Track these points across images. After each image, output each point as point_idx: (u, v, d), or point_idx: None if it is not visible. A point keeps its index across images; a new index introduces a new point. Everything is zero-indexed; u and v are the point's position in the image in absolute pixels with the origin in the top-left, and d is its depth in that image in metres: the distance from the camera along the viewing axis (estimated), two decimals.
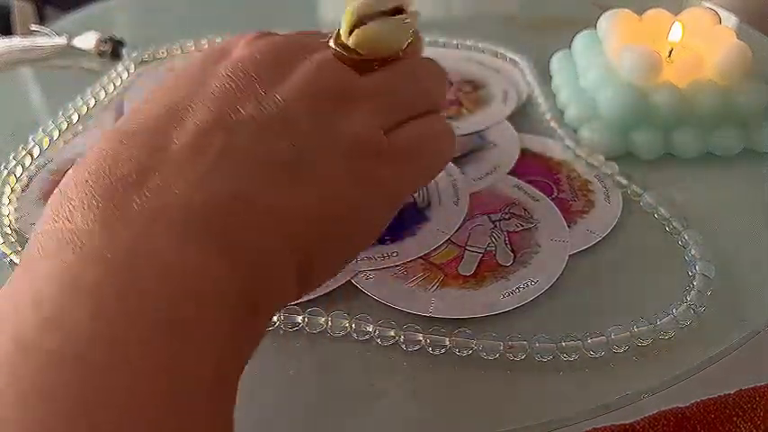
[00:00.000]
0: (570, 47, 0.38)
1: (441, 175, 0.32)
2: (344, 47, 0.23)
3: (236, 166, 0.18)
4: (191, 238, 0.17)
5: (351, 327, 0.25)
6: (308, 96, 0.21)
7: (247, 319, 0.18)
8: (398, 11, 0.24)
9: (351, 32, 0.23)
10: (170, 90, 0.21)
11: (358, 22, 0.23)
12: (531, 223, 0.29)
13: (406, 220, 0.29)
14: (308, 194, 0.19)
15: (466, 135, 0.35)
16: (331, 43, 0.23)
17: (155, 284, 0.16)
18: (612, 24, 0.35)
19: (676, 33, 0.34)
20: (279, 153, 0.19)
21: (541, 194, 0.31)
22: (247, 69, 0.21)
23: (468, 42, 0.42)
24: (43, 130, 0.34)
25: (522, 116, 0.36)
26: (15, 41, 0.43)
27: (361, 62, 0.23)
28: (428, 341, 0.24)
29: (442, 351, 0.24)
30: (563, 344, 0.24)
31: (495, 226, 0.29)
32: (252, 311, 0.18)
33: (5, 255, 0.27)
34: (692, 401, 0.24)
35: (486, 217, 0.30)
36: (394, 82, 0.24)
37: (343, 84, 0.22)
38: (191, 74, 0.21)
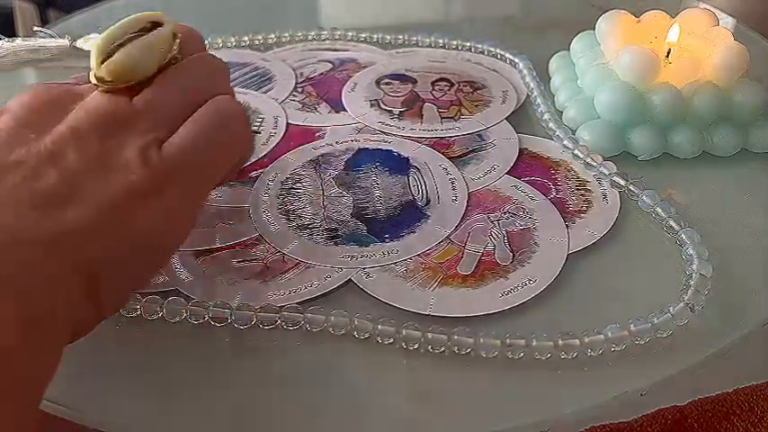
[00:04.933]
0: (569, 48, 0.38)
1: (440, 174, 0.32)
2: (102, 80, 0.23)
3: (3, 205, 0.20)
4: None
5: (350, 325, 0.25)
6: (77, 132, 0.22)
7: (24, 349, 0.18)
8: (157, 25, 0.24)
9: (101, 63, 0.23)
10: None
11: (108, 54, 0.23)
12: (530, 223, 0.29)
13: (406, 219, 0.29)
14: (79, 219, 0.20)
15: (465, 135, 0.35)
16: (92, 79, 0.23)
17: None
18: (611, 26, 0.35)
19: (674, 34, 0.34)
20: (47, 186, 0.20)
21: (540, 194, 0.31)
22: (18, 119, 0.22)
23: (468, 43, 0.42)
24: None
25: (521, 117, 0.37)
26: (18, 43, 0.43)
27: (126, 89, 0.23)
28: (427, 340, 0.24)
29: (442, 350, 0.24)
30: (561, 342, 0.24)
31: (495, 225, 0.29)
32: (36, 327, 0.18)
33: None
34: (690, 400, 0.24)
35: (485, 216, 0.30)
36: (161, 93, 0.24)
37: (109, 112, 0.22)
38: None
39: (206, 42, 0.42)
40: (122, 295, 0.23)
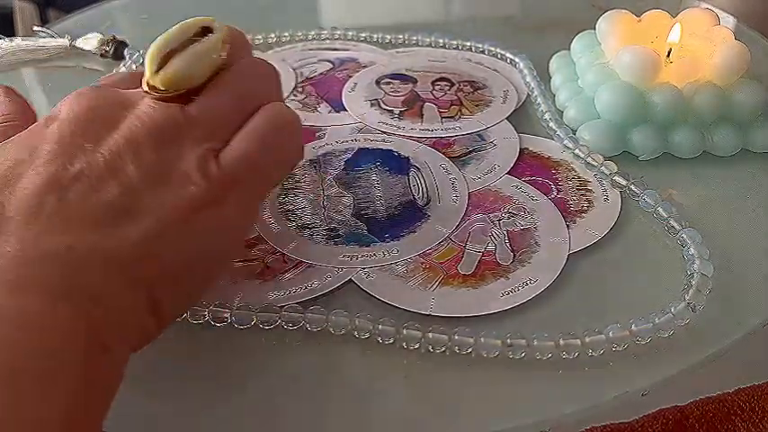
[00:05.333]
0: (569, 48, 0.38)
1: (440, 173, 0.32)
2: (155, 88, 0.23)
3: (68, 221, 0.19)
4: (24, 293, 0.18)
5: (351, 325, 0.25)
6: (133, 143, 0.21)
7: (99, 358, 0.18)
8: (207, 30, 0.24)
9: (156, 72, 0.23)
10: (2, 163, 0.21)
11: (163, 61, 0.23)
12: (531, 223, 0.29)
13: (406, 219, 0.29)
14: (142, 235, 0.20)
15: (466, 135, 0.35)
16: (144, 87, 0.23)
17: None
18: (611, 25, 0.35)
19: (675, 34, 0.34)
20: (109, 201, 0.20)
21: (541, 194, 0.31)
22: (72, 129, 0.21)
23: (468, 43, 0.42)
24: None
25: (521, 116, 0.36)
26: (18, 42, 0.43)
27: (178, 96, 0.23)
28: (428, 340, 0.24)
29: (442, 350, 0.24)
30: (562, 342, 0.24)
31: (495, 225, 0.29)
32: (102, 350, 0.19)
33: None
34: (691, 400, 0.24)
35: (485, 216, 0.30)
36: (214, 101, 0.23)
37: (163, 122, 0.22)
38: (19, 142, 0.22)
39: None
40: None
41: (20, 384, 0.16)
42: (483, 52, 0.42)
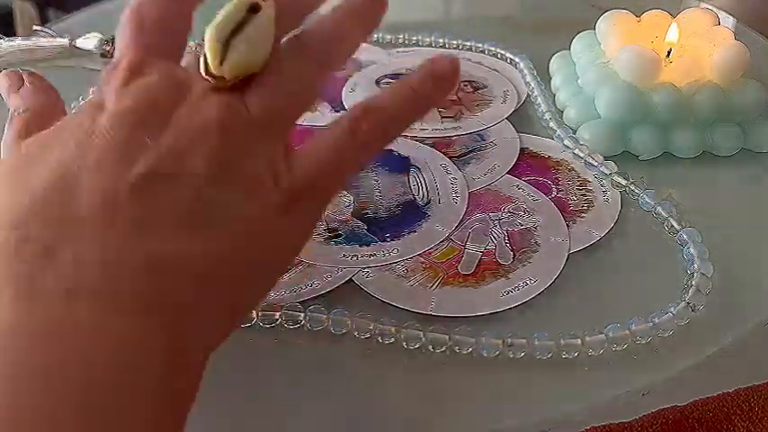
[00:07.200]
0: (569, 47, 0.38)
1: (441, 173, 0.32)
2: (215, 77, 0.21)
3: (146, 226, 0.18)
4: (112, 304, 0.17)
5: (351, 325, 0.25)
6: (199, 139, 0.20)
7: (181, 371, 0.18)
8: (254, 8, 0.22)
9: (221, 62, 0.21)
10: (48, 161, 0.19)
11: (223, 49, 0.21)
12: (531, 222, 0.29)
13: (406, 218, 0.29)
14: (219, 240, 0.19)
15: (466, 134, 0.35)
16: (202, 73, 0.21)
17: (77, 355, 0.16)
18: (611, 25, 0.35)
19: (674, 34, 0.34)
20: (182, 203, 0.19)
21: (541, 194, 0.31)
22: (129, 121, 0.20)
23: (469, 43, 0.42)
24: None
25: (521, 116, 0.36)
26: (17, 42, 0.43)
27: (234, 85, 0.21)
28: (428, 339, 0.24)
29: (443, 349, 0.24)
30: (562, 342, 0.24)
31: (495, 225, 0.29)
32: (183, 356, 0.18)
33: None
34: (691, 400, 0.24)
35: (486, 216, 0.30)
36: (276, 97, 0.21)
37: (228, 118, 0.20)
38: (63, 139, 0.20)
39: None
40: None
41: (106, 405, 0.16)
42: (483, 52, 0.42)
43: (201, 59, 0.21)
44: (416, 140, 0.34)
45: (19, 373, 0.15)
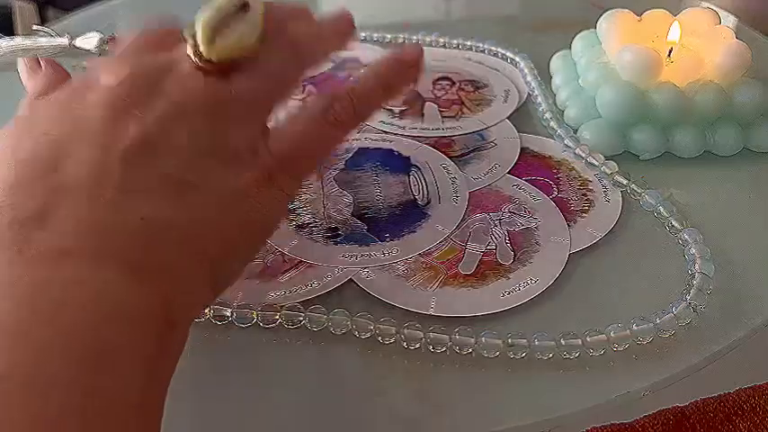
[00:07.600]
0: (570, 47, 0.38)
1: (441, 173, 0.32)
2: (203, 59, 0.22)
3: (135, 192, 0.19)
4: (105, 264, 0.18)
5: (351, 325, 0.25)
6: (184, 114, 0.21)
7: (168, 335, 0.18)
8: (244, 7, 0.23)
9: (208, 44, 0.22)
10: (38, 134, 0.20)
11: (213, 34, 0.22)
12: (532, 222, 0.29)
13: (407, 218, 0.29)
14: (202, 208, 0.20)
15: (467, 134, 0.35)
16: (190, 55, 0.22)
17: (73, 313, 0.16)
18: (612, 25, 0.35)
19: (675, 33, 0.34)
20: (169, 172, 0.20)
21: (541, 193, 0.31)
22: (119, 94, 0.21)
23: (469, 43, 0.42)
24: None
25: (522, 116, 0.36)
26: (17, 42, 0.43)
27: (220, 68, 0.22)
28: (428, 339, 0.24)
29: (443, 349, 0.24)
30: (563, 342, 0.24)
31: (496, 225, 0.29)
32: (171, 327, 0.18)
33: None
34: (692, 400, 0.24)
35: (486, 216, 0.30)
36: (258, 78, 0.23)
37: (213, 95, 0.22)
38: (53, 114, 0.21)
39: None
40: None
41: (100, 365, 0.16)
42: (483, 52, 0.42)
43: (190, 41, 0.22)
44: (417, 140, 0.34)
45: (8, 325, 0.16)
